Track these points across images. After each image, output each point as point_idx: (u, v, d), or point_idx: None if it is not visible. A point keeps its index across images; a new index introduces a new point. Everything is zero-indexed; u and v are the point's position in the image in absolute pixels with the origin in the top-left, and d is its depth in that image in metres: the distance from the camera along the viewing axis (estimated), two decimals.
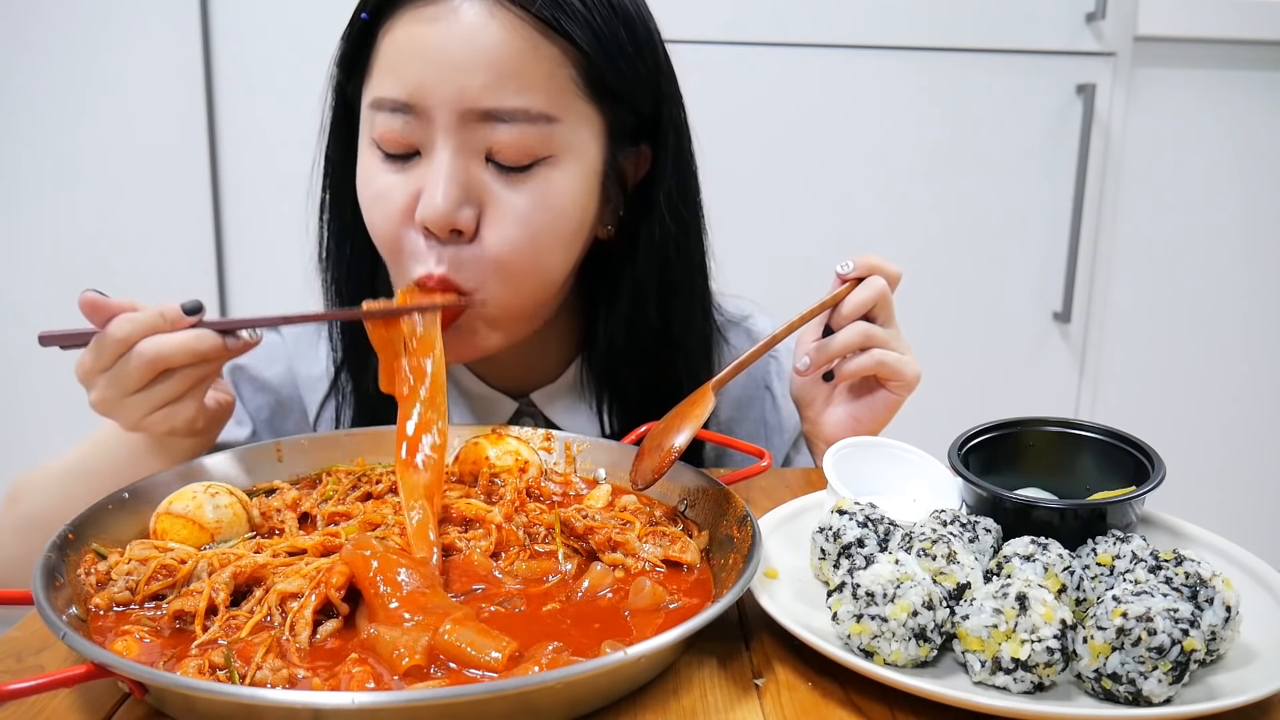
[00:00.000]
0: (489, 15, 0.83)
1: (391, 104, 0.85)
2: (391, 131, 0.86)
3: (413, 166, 0.87)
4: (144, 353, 0.79)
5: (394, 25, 0.86)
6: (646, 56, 0.92)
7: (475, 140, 0.85)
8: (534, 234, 0.88)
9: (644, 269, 0.97)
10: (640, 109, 0.93)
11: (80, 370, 0.82)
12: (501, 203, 0.86)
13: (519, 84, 0.84)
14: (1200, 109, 2.10)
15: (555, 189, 0.88)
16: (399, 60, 0.85)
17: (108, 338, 0.79)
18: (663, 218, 0.95)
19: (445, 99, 0.83)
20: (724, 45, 2.03)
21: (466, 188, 0.85)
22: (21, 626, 0.67)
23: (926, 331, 2.05)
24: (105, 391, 0.81)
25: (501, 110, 0.84)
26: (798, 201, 2.11)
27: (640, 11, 0.92)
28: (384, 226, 0.88)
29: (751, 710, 0.58)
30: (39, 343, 0.80)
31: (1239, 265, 2.19)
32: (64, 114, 2.02)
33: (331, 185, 0.98)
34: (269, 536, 0.76)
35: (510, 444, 0.89)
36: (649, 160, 0.97)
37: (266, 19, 2.00)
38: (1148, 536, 0.69)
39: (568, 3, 0.84)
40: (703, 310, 1.03)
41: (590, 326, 1.03)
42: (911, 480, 0.82)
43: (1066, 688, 0.59)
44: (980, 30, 2.03)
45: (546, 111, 0.85)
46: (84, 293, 0.80)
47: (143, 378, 0.80)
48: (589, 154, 0.90)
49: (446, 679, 0.58)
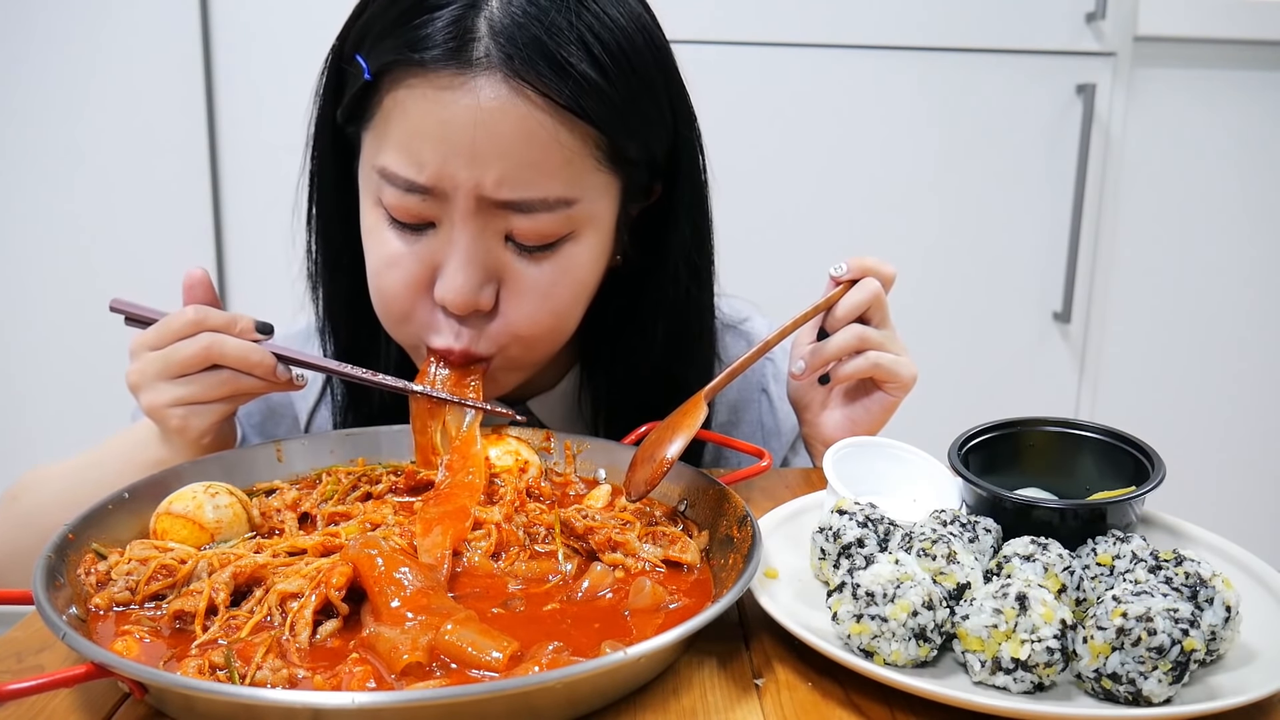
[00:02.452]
0: (510, 103, 0.78)
1: (408, 185, 0.82)
2: (405, 206, 0.83)
3: (427, 237, 0.85)
4: (202, 340, 0.81)
5: (405, 95, 0.81)
6: (665, 110, 0.89)
7: (495, 224, 0.83)
8: (555, 308, 0.87)
9: (653, 314, 0.96)
10: (656, 160, 0.91)
11: (135, 342, 0.83)
12: (522, 279, 0.85)
13: (537, 174, 0.81)
14: (1200, 109, 2.10)
15: (575, 262, 0.87)
16: (413, 140, 0.80)
17: (180, 318, 0.82)
18: (676, 269, 0.95)
19: (465, 185, 0.80)
20: (723, 45, 2.03)
21: (486, 267, 0.84)
22: (21, 626, 0.67)
23: (926, 331, 2.05)
24: (148, 366, 0.82)
25: (519, 202, 0.81)
26: (797, 201, 2.11)
27: (659, 58, 0.87)
28: (397, 295, 0.86)
29: (751, 710, 0.58)
30: (109, 308, 0.84)
31: (1239, 265, 2.19)
32: (64, 114, 2.03)
33: (319, 200, 0.96)
34: (269, 536, 0.76)
35: (510, 444, 0.89)
36: (659, 190, 0.95)
37: (266, 19, 2.01)
38: (1148, 536, 0.69)
39: (591, 84, 0.79)
40: (709, 345, 1.02)
41: (589, 337, 1.03)
42: (911, 480, 0.82)
43: (1066, 688, 0.59)
44: (980, 30, 2.03)
45: (565, 196, 0.83)
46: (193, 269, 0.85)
47: (191, 363, 0.81)
48: (606, 219, 0.88)
49: (447, 679, 0.58)
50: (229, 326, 0.82)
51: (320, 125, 0.92)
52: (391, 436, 0.91)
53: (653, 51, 0.86)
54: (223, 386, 0.83)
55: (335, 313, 0.99)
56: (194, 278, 0.87)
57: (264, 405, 1.07)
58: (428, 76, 0.79)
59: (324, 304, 0.99)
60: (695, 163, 0.94)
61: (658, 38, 0.87)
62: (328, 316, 1.00)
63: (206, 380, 0.82)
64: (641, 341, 0.98)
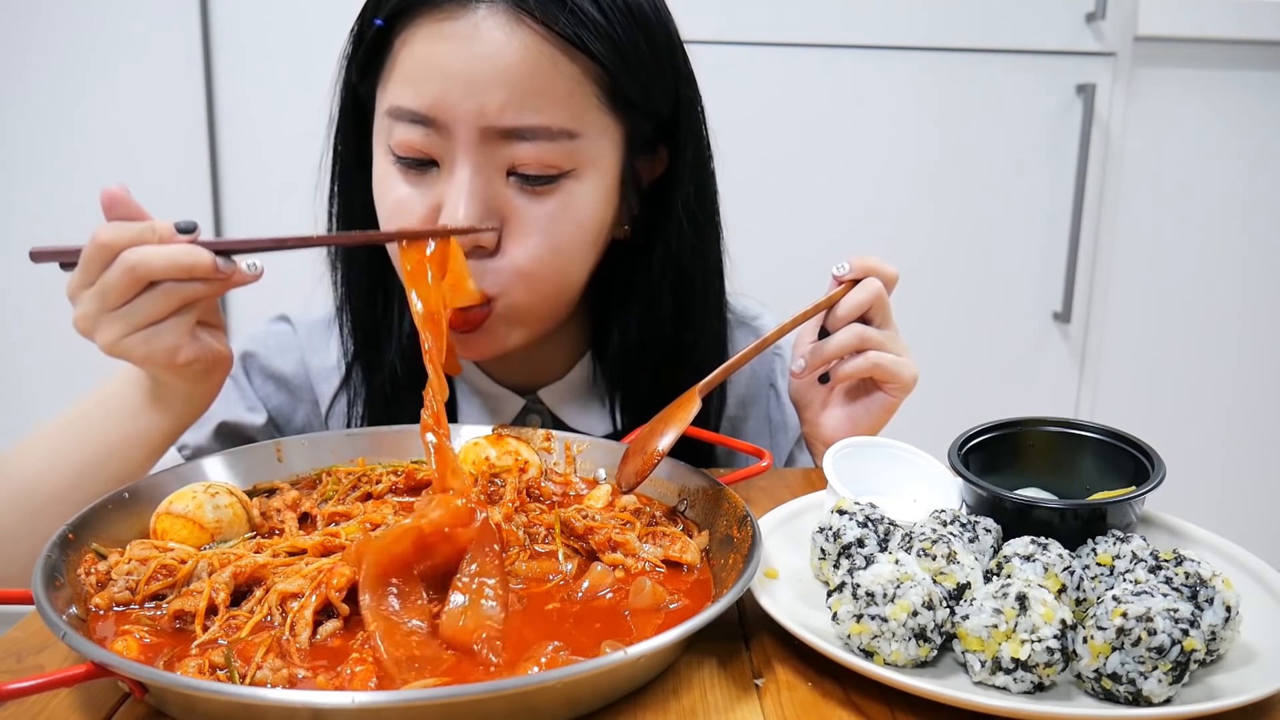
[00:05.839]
0: (511, 32, 0.82)
1: (410, 115, 0.84)
2: (410, 141, 0.85)
3: (431, 177, 0.87)
4: (126, 259, 0.74)
5: (412, 34, 0.85)
6: (666, 64, 0.91)
7: (497, 157, 0.85)
8: (557, 246, 0.88)
9: (660, 274, 0.97)
10: (659, 115, 0.93)
11: (70, 286, 0.78)
12: (524, 216, 0.87)
13: (541, 102, 0.83)
14: (1200, 109, 2.10)
15: (577, 201, 0.88)
16: (419, 73, 0.84)
17: (93, 244, 0.75)
18: (680, 224, 0.95)
19: (466, 116, 0.83)
20: (723, 45, 2.03)
21: (487, 203, 0.85)
22: (21, 626, 0.67)
23: (926, 331, 2.05)
24: (87, 306, 0.77)
25: (523, 129, 0.84)
26: (797, 201, 2.11)
27: (661, 17, 0.91)
28: None
29: (751, 710, 0.58)
30: (30, 258, 0.76)
31: (1239, 265, 2.19)
32: (64, 113, 2.03)
33: (341, 175, 0.98)
34: (269, 536, 0.76)
35: (510, 444, 0.89)
36: (666, 160, 0.97)
37: (267, 18, 2.00)
38: (1148, 536, 0.69)
39: (590, 18, 0.83)
40: (718, 313, 1.03)
41: (599, 324, 1.03)
42: (911, 480, 0.82)
43: (1066, 688, 0.59)
44: (980, 30, 2.03)
45: (568, 128, 0.85)
46: (107, 187, 0.76)
47: (124, 290, 0.75)
48: (609, 164, 0.90)
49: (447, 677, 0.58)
50: (146, 237, 0.75)
51: (343, 100, 0.95)
52: (392, 437, 0.91)
53: (653, 8, 0.89)
54: (166, 299, 0.76)
55: (353, 290, 1.00)
56: (111, 195, 0.77)
57: (285, 390, 1.07)
58: (433, 13, 0.83)
59: (343, 282, 1.01)
60: (697, 123, 0.96)
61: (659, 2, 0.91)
62: (346, 293, 1.01)
63: (148, 300, 0.76)
64: (649, 304, 0.98)
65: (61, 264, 0.79)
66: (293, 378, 1.08)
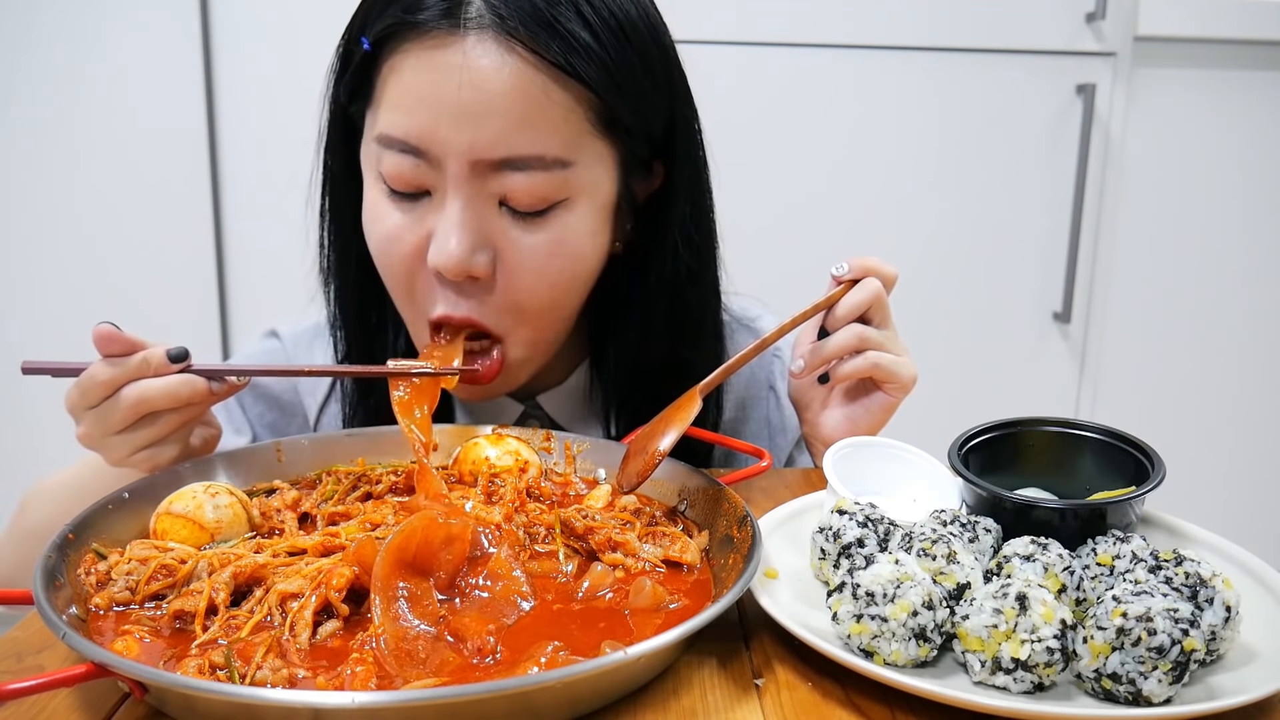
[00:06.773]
0: (501, 60, 0.80)
1: (400, 145, 0.83)
2: (401, 173, 0.84)
3: (423, 206, 0.86)
4: (128, 397, 0.78)
5: (400, 61, 0.83)
6: (661, 83, 0.89)
7: (489, 187, 0.84)
8: (553, 281, 0.88)
9: (656, 296, 0.96)
10: (654, 135, 0.91)
11: (68, 403, 0.81)
12: (517, 248, 0.86)
13: (533, 131, 0.82)
14: (1200, 109, 2.10)
15: (571, 232, 0.87)
16: (408, 102, 0.82)
17: (91, 380, 0.78)
18: (675, 245, 0.94)
19: (457, 148, 0.81)
20: (722, 45, 2.03)
21: (480, 234, 0.84)
22: (21, 626, 0.67)
23: (926, 331, 2.05)
24: (90, 428, 0.81)
25: (515, 159, 0.82)
26: (797, 200, 2.11)
27: (655, 34, 0.88)
28: (396, 267, 0.88)
29: (751, 710, 0.58)
30: (22, 371, 0.78)
31: (1239, 265, 2.19)
32: (64, 114, 2.02)
33: (331, 192, 0.97)
34: (269, 536, 0.76)
35: (510, 444, 0.89)
36: (662, 175, 0.95)
37: (266, 19, 2.00)
38: (1148, 536, 0.69)
39: (581, 43, 0.81)
40: (714, 332, 1.02)
41: (596, 330, 1.03)
42: (911, 480, 0.82)
43: (1066, 688, 0.59)
44: (980, 30, 2.03)
45: (561, 156, 0.83)
46: (98, 326, 0.78)
47: (126, 420, 0.79)
48: (604, 190, 0.89)
49: (447, 675, 0.58)
50: (143, 371, 0.79)
51: (332, 115, 0.94)
52: (392, 437, 0.91)
53: (646, 24, 0.87)
54: (168, 424, 0.81)
55: (346, 307, 1.00)
56: (103, 334, 0.79)
57: (274, 406, 1.08)
58: (421, 39, 0.81)
59: (335, 298, 1.00)
60: (693, 140, 0.95)
61: (653, 14, 0.89)
62: (339, 311, 1.00)
63: (150, 425, 0.81)
64: (646, 325, 0.98)
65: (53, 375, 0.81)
66: (281, 393, 1.08)
